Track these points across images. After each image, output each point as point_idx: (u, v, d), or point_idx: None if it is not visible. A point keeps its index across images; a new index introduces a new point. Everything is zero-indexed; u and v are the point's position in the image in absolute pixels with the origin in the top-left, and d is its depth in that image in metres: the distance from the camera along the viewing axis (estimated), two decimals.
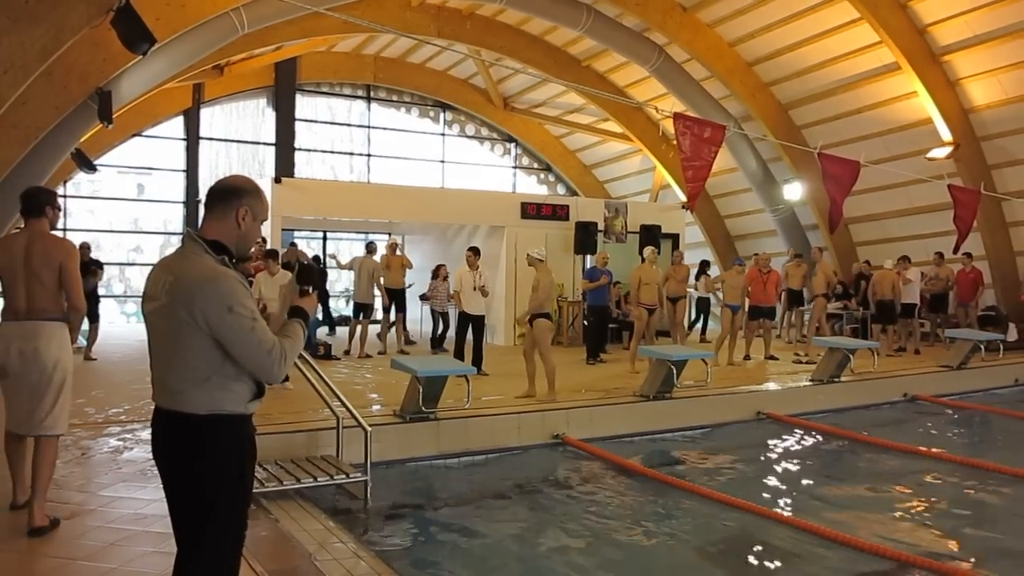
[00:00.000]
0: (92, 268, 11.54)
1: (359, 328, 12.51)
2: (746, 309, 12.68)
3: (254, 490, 5.45)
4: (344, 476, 5.95)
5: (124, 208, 18.42)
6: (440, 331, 13.31)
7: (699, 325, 16.52)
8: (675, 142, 9.41)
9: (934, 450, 8.22)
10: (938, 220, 14.23)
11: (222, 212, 2.80)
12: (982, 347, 11.73)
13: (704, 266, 16.85)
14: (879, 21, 13.39)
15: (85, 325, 11.76)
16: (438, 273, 13.62)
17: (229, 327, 2.62)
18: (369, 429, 6.02)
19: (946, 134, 14.20)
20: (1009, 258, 15.10)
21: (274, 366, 2.70)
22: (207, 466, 2.70)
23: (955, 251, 12.67)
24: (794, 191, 16.61)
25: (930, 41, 13.81)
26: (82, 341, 12.41)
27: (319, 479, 5.83)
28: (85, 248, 12.09)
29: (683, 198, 17.73)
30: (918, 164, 14.46)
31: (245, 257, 2.93)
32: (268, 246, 11.77)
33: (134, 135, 17.75)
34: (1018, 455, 8.07)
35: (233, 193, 2.81)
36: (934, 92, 13.97)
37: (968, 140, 14.36)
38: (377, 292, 12.82)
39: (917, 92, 14.16)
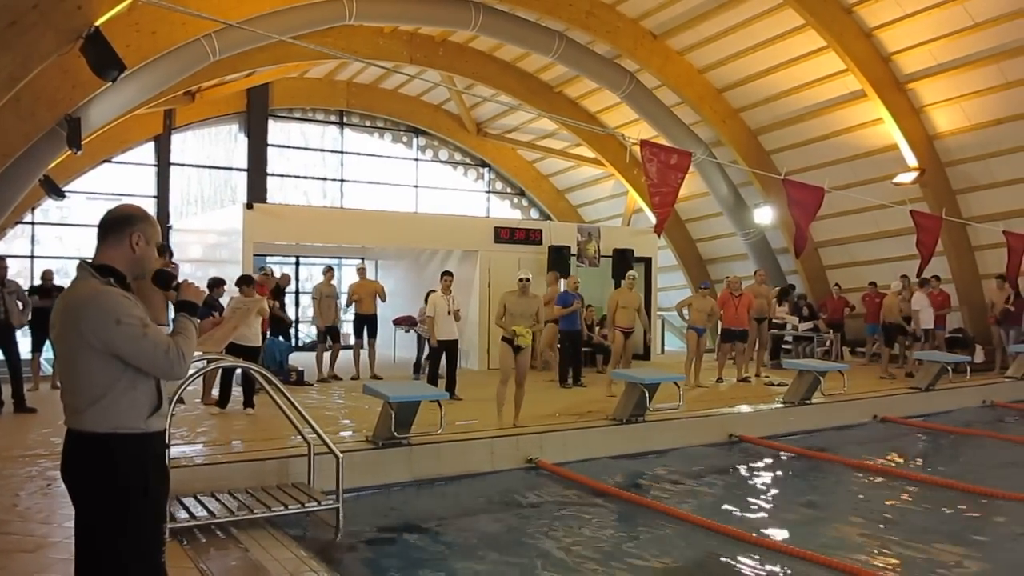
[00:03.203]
0: (55, 295, 11.42)
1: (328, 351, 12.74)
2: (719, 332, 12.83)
3: (223, 519, 5.49)
4: (316, 504, 5.92)
5: (93, 235, 18.15)
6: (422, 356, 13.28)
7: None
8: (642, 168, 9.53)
9: (904, 470, 8.33)
10: (905, 244, 14.46)
11: (116, 240, 2.98)
12: (950, 369, 11.90)
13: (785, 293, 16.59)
14: (845, 49, 13.68)
15: (49, 353, 11.65)
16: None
17: (122, 338, 2.76)
18: (341, 456, 5.99)
19: (912, 160, 14.49)
20: (975, 281, 15.38)
21: (174, 365, 2.84)
22: (108, 483, 2.79)
23: (918, 275, 12.92)
24: (764, 215, 16.85)
25: (895, 69, 14.13)
26: (47, 368, 12.26)
27: (290, 507, 5.79)
28: (49, 275, 11.98)
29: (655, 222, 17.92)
30: (885, 189, 14.74)
31: (142, 277, 3.08)
32: (242, 272, 11.81)
33: (104, 161, 17.62)
34: (985, 474, 8.19)
35: (125, 221, 3.00)
36: (899, 119, 14.27)
37: (933, 166, 14.66)
38: (349, 316, 13.00)
39: (883, 119, 14.46)
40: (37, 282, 12.22)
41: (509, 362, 8.88)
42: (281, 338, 12.82)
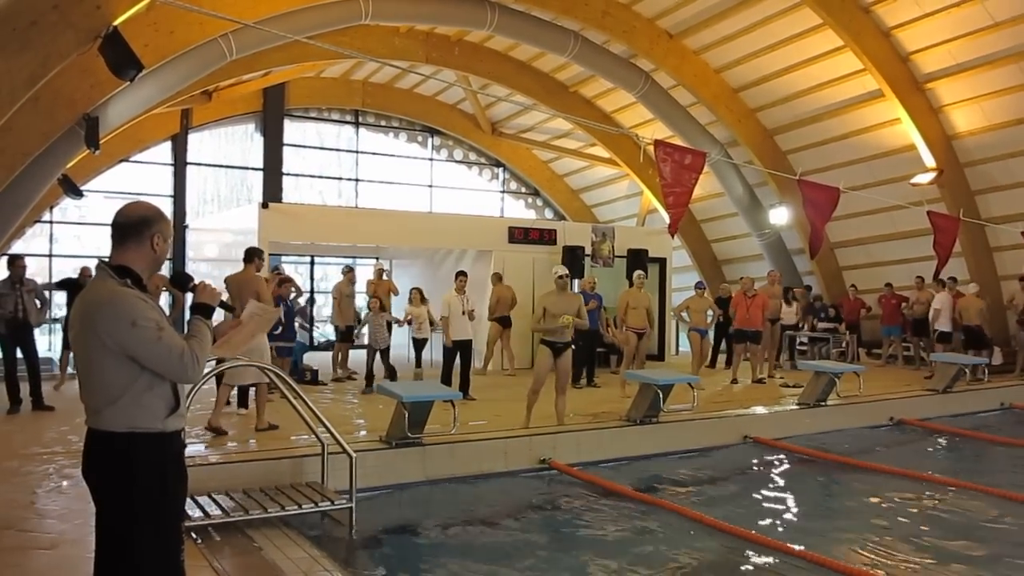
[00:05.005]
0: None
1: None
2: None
3: (237, 518, 5.50)
4: (329, 503, 5.93)
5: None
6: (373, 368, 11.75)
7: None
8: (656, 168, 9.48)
9: (920, 473, 8.26)
10: (923, 244, 14.33)
11: (136, 242, 2.99)
12: (967, 371, 11.80)
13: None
14: (863, 49, 13.59)
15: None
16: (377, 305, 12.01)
17: (137, 341, 2.78)
18: (354, 455, 6.00)
19: (930, 160, 14.36)
20: (994, 283, 15.20)
21: (188, 369, 2.87)
22: (127, 482, 2.81)
23: (935, 277, 12.78)
24: (780, 216, 16.74)
25: (913, 69, 14.01)
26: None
27: (303, 506, 5.81)
28: (87, 272, 11.90)
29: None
30: (903, 190, 14.61)
31: (157, 271, 3.13)
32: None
33: (121, 160, 17.75)
34: (1003, 477, 8.12)
35: (144, 223, 3.02)
36: (917, 119, 14.15)
37: (951, 166, 14.53)
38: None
39: (900, 119, 14.35)
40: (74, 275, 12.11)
41: (546, 369, 8.57)
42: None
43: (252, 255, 8.78)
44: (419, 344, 12.34)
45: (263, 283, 8.81)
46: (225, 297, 5.85)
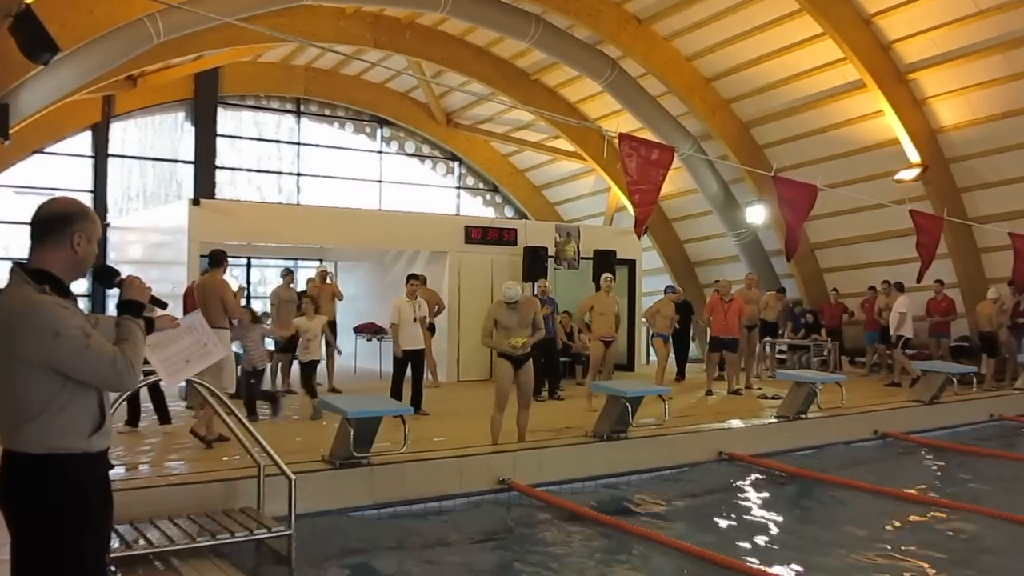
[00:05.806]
0: None
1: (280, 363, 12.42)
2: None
3: (163, 548, 5.39)
4: (265, 531, 5.84)
5: (22, 233, 17.94)
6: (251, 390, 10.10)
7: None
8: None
9: (906, 491, 8.37)
10: (909, 245, 14.54)
11: (55, 241, 2.88)
12: (955, 380, 11.98)
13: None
14: (843, 37, 13.78)
15: None
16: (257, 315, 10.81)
17: (63, 351, 2.71)
18: (293, 477, 5.93)
19: (914, 155, 14.59)
20: (982, 286, 15.46)
21: (122, 376, 2.80)
22: (47, 508, 2.73)
23: (918, 280, 12.99)
24: (757, 214, 16.89)
25: (896, 58, 14.26)
26: None
27: (237, 535, 5.71)
28: None
29: None
30: (886, 187, 14.83)
31: (83, 276, 3.01)
32: (187, 275, 11.68)
33: (35, 152, 17.38)
34: (993, 495, 8.27)
35: (65, 220, 2.91)
36: (901, 111, 14.38)
37: (937, 162, 14.79)
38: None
39: (883, 111, 14.57)
40: None
41: (508, 383, 8.54)
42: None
43: (220, 259, 8.67)
44: (307, 368, 10.87)
45: (229, 289, 8.70)
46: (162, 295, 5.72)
